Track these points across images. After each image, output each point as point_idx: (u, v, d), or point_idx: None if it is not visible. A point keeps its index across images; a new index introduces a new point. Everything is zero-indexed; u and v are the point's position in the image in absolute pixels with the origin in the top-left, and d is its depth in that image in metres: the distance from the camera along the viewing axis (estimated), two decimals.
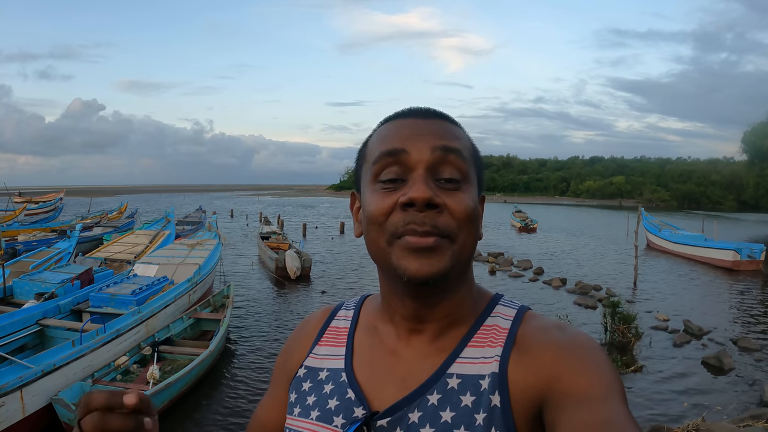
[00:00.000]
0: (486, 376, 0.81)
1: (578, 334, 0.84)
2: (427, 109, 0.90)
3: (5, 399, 6.01)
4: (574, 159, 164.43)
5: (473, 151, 0.90)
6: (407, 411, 0.82)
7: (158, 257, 13.17)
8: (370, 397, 0.87)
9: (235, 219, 46.58)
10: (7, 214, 30.22)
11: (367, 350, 0.95)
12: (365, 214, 0.86)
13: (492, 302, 0.93)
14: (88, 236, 20.92)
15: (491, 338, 0.86)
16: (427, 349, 0.88)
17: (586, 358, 0.78)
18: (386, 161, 0.84)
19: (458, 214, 0.81)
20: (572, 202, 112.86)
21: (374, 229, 0.84)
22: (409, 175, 0.83)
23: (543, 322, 0.87)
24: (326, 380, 0.93)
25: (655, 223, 29.11)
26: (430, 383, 0.84)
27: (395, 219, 0.81)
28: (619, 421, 0.68)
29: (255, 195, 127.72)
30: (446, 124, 0.88)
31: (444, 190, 0.82)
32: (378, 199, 0.83)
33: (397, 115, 0.91)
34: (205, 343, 9.12)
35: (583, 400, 0.72)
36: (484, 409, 0.78)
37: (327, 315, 1.06)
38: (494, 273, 19.78)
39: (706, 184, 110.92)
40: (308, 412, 0.91)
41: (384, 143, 0.86)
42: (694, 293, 16.87)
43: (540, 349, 0.81)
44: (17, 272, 11.24)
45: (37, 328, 8.41)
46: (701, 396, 8.44)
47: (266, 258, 19.99)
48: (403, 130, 0.86)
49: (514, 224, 42.02)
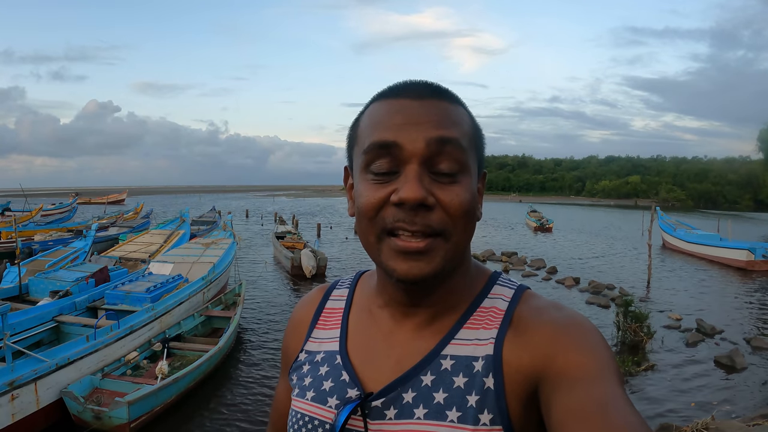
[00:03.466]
0: (480, 358, 0.81)
1: (575, 314, 0.83)
2: (423, 87, 0.84)
3: (20, 391, 6.15)
4: (589, 158, 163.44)
5: (472, 133, 0.86)
6: (401, 391, 0.83)
7: (173, 256, 13.30)
8: (365, 379, 0.88)
9: (250, 219, 46.72)
10: (24, 215, 30.63)
11: (361, 332, 0.95)
12: (357, 204, 0.84)
13: (490, 282, 0.92)
14: (103, 236, 21.10)
15: (487, 320, 0.85)
16: (422, 331, 0.88)
17: (582, 338, 0.78)
18: (377, 153, 0.80)
19: (452, 211, 0.79)
20: (588, 202, 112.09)
21: (365, 223, 0.82)
22: (402, 167, 0.80)
23: (540, 302, 0.87)
24: (322, 362, 0.94)
25: (671, 223, 28.85)
26: (423, 364, 0.84)
27: (386, 214, 0.79)
28: (614, 401, 0.68)
29: (270, 196, 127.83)
30: (443, 105, 0.83)
31: (439, 184, 0.79)
32: (369, 192, 0.81)
33: (390, 92, 0.85)
34: (214, 340, 9.20)
35: (579, 380, 0.72)
36: (476, 391, 0.79)
37: (322, 295, 1.06)
38: (507, 272, 19.63)
39: (722, 184, 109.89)
40: (305, 393, 0.92)
41: (375, 131, 0.82)
42: (708, 293, 16.70)
43: (536, 328, 0.81)
44: (33, 271, 11.36)
45: (53, 324, 8.54)
46: (712, 394, 8.38)
47: (281, 257, 20.11)
48: (396, 117, 0.81)
49: (529, 224, 41.80)
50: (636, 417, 0.66)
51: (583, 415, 0.67)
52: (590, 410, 0.67)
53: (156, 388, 6.80)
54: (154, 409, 6.87)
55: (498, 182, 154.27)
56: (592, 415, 0.66)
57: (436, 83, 0.86)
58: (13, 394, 6.05)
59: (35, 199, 57.79)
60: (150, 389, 6.73)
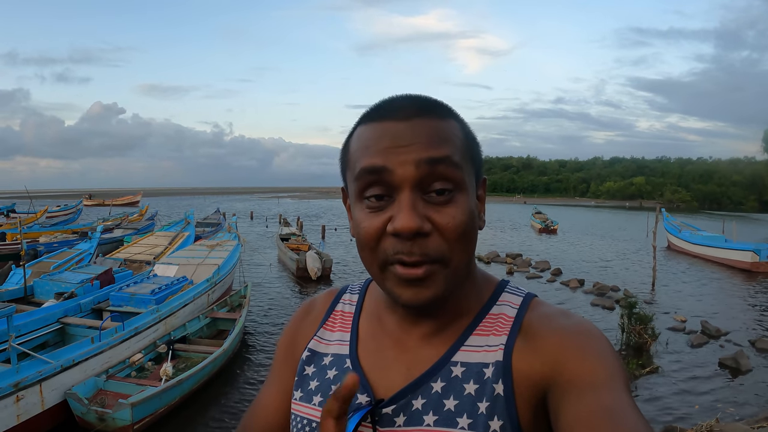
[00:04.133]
0: (490, 364, 0.81)
1: (583, 321, 0.83)
2: (409, 105, 0.82)
3: (25, 392, 6.18)
4: (594, 160, 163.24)
5: (465, 145, 0.83)
6: (411, 398, 0.82)
7: (178, 258, 13.36)
8: (375, 385, 0.87)
9: (255, 221, 46.78)
10: (29, 217, 30.75)
11: (371, 338, 0.94)
12: (356, 233, 0.83)
13: (498, 289, 0.92)
14: (108, 238, 21.11)
15: (497, 327, 0.85)
16: (431, 339, 0.87)
17: (590, 345, 0.78)
18: (368, 179, 0.80)
19: (449, 234, 0.78)
20: (592, 203, 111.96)
21: (367, 254, 0.82)
22: (395, 193, 0.79)
23: (549, 309, 0.87)
24: (330, 366, 0.93)
25: (676, 224, 28.75)
26: (434, 371, 0.83)
27: (385, 246, 0.79)
28: (623, 409, 0.68)
29: (275, 197, 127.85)
30: (432, 124, 0.80)
31: (434, 206, 0.78)
32: (366, 222, 0.80)
33: (376, 114, 0.84)
34: (219, 342, 9.21)
35: (588, 387, 0.72)
36: (487, 398, 0.78)
37: (332, 298, 1.05)
38: (512, 273, 19.72)
39: (727, 185, 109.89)
40: (311, 397, 0.91)
41: (364, 156, 0.80)
42: (713, 294, 16.67)
43: (545, 336, 0.81)
44: (38, 272, 11.42)
45: (58, 326, 8.59)
46: (717, 397, 8.37)
47: (286, 259, 20.14)
48: (383, 141, 0.79)
49: (534, 226, 41.66)
50: (644, 425, 0.66)
51: (592, 423, 0.67)
52: (598, 418, 0.67)
53: (159, 390, 6.82)
54: (158, 410, 6.88)
55: (503, 184, 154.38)
56: (600, 422, 0.67)
57: (424, 97, 0.84)
58: (18, 396, 6.08)
59: (40, 201, 58.01)
60: (153, 391, 6.75)
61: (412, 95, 0.85)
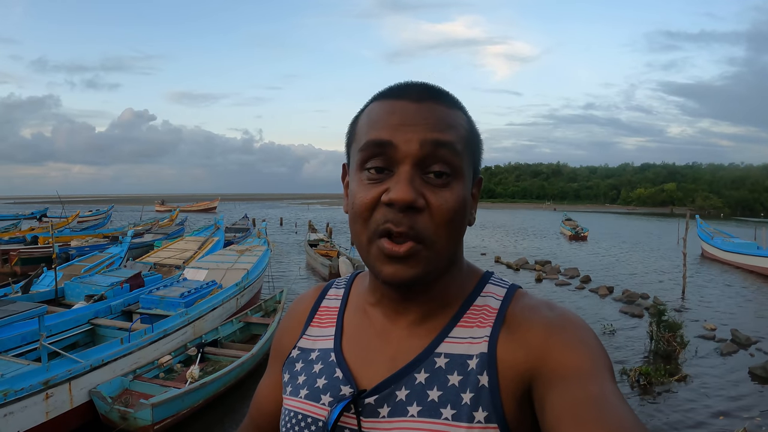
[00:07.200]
0: (474, 356, 0.82)
1: (567, 312, 0.84)
2: (422, 89, 0.85)
3: (54, 390, 6.31)
4: (624, 166, 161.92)
5: (468, 138, 0.86)
6: (395, 389, 0.84)
7: (207, 262, 13.52)
8: (358, 377, 0.88)
9: (284, 227, 47.05)
10: (60, 221, 31.34)
11: (356, 330, 0.95)
12: (351, 203, 0.85)
13: (482, 281, 0.93)
14: (139, 242, 21.41)
15: (481, 318, 0.86)
16: (416, 329, 0.89)
17: (575, 335, 0.79)
18: (372, 151, 0.82)
19: (439, 216, 0.79)
20: (623, 210, 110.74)
21: (359, 224, 0.83)
22: (395, 167, 0.81)
23: (532, 300, 0.88)
24: (316, 360, 0.95)
25: (709, 231, 28.30)
26: (417, 362, 0.85)
27: (378, 216, 0.80)
28: (608, 398, 0.69)
29: (305, 204, 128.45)
30: (441, 109, 0.83)
31: (430, 186, 0.80)
32: (363, 192, 0.82)
33: (390, 93, 0.86)
34: (249, 346, 9.23)
35: (572, 377, 0.73)
36: (471, 389, 0.79)
37: (318, 294, 1.07)
38: (540, 281, 19.56)
39: (760, 191, 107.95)
40: (298, 391, 0.93)
41: (372, 129, 0.83)
42: (744, 302, 16.31)
43: (529, 327, 0.82)
44: (69, 275, 11.62)
45: (88, 327, 8.75)
46: (745, 405, 8.20)
47: (317, 264, 20.40)
48: (393, 118, 0.82)
49: (564, 232, 41.44)
50: (629, 413, 0.67)
51: (577, 412, 0.68)
52: (584, 407, 0.68)
53: (182, 391, 6.86)
54: (180, 412, 6.92)
55: (533, 190, 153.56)
56: (586, 412, 0.68)
57: (437, 86, 0.87)
58: (47, 393, 6.20)
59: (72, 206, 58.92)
60: (176, 392, 6.79)
61: (426, 82, 0.87)
